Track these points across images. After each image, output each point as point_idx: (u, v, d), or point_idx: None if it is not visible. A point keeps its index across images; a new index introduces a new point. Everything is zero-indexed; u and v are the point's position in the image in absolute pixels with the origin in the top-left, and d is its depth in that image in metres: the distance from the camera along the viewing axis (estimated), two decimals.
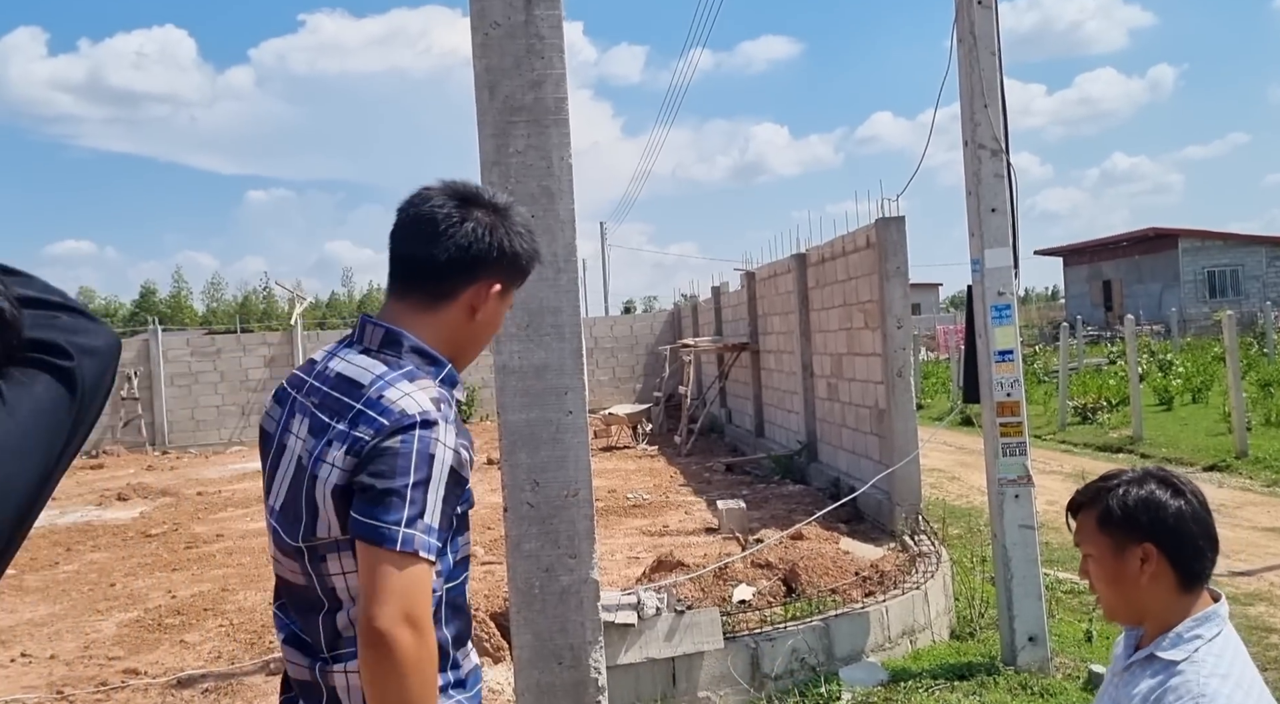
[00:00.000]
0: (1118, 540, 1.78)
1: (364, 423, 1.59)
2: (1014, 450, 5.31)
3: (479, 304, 1.77)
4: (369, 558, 1.51)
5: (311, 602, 1.66)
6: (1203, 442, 12.72)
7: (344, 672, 1.63)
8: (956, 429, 15.69)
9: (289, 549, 1.66)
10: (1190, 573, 1.78)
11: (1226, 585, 6.60)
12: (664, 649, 5.49)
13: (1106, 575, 1.81)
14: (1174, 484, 1.83)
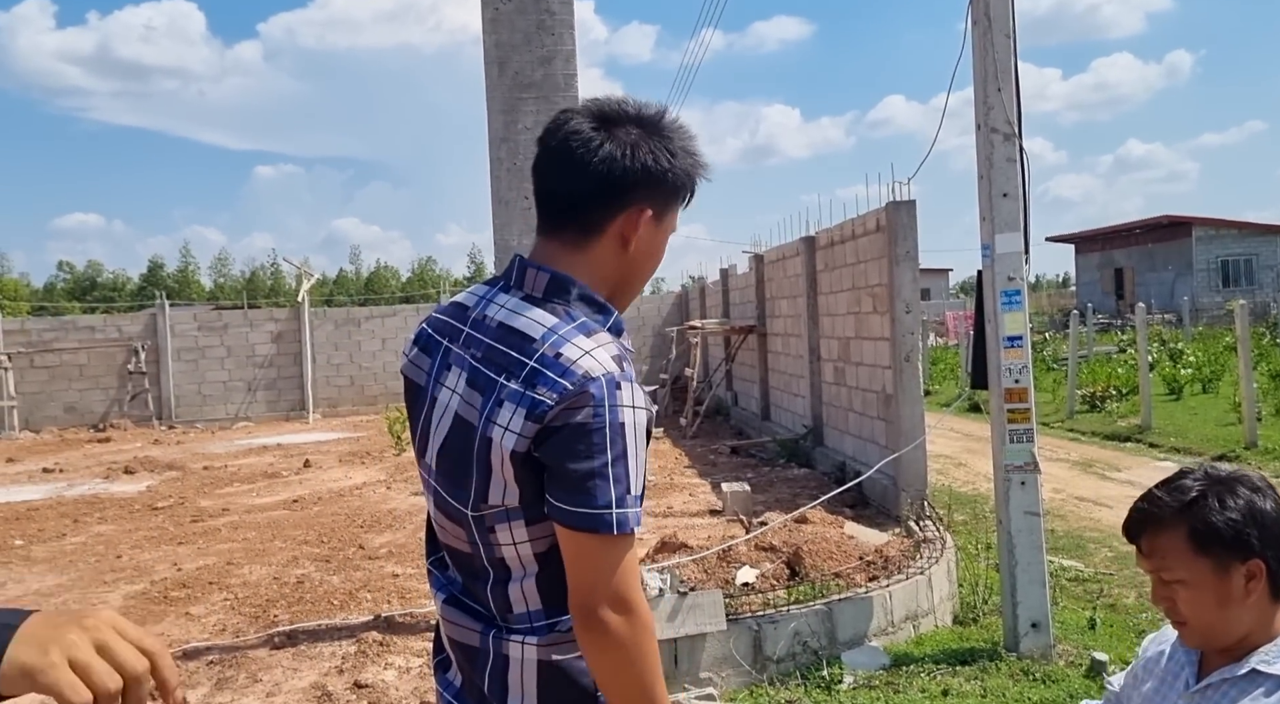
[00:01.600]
0: (1221, 560, 1.59)
1: (543, 384, 1.46)
2: (1021, 437, 5.29)
3: (630, 234, 1.60)
4: (577, 545, 1.45)
5: (477, 570, 1.58)
6: (1212, 431, 12.68)
7: (521, 643, 1.55)
8: (964, 415, 15.66)
9: (455, 515, 1.56)
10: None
11: None
12: (666, 630, 5.51)
13: (1210, 601, 1.60)
14: (1258, 485, 1.66)
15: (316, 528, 8.67)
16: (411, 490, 10.70)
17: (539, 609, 1.55)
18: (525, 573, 1.54)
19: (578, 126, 1.60)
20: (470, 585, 1.62)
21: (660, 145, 1.61)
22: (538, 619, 1.55)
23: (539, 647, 1.55)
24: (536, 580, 1.54)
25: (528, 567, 1.54)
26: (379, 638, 5.27)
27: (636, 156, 1.58)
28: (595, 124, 1.60)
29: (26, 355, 20.61)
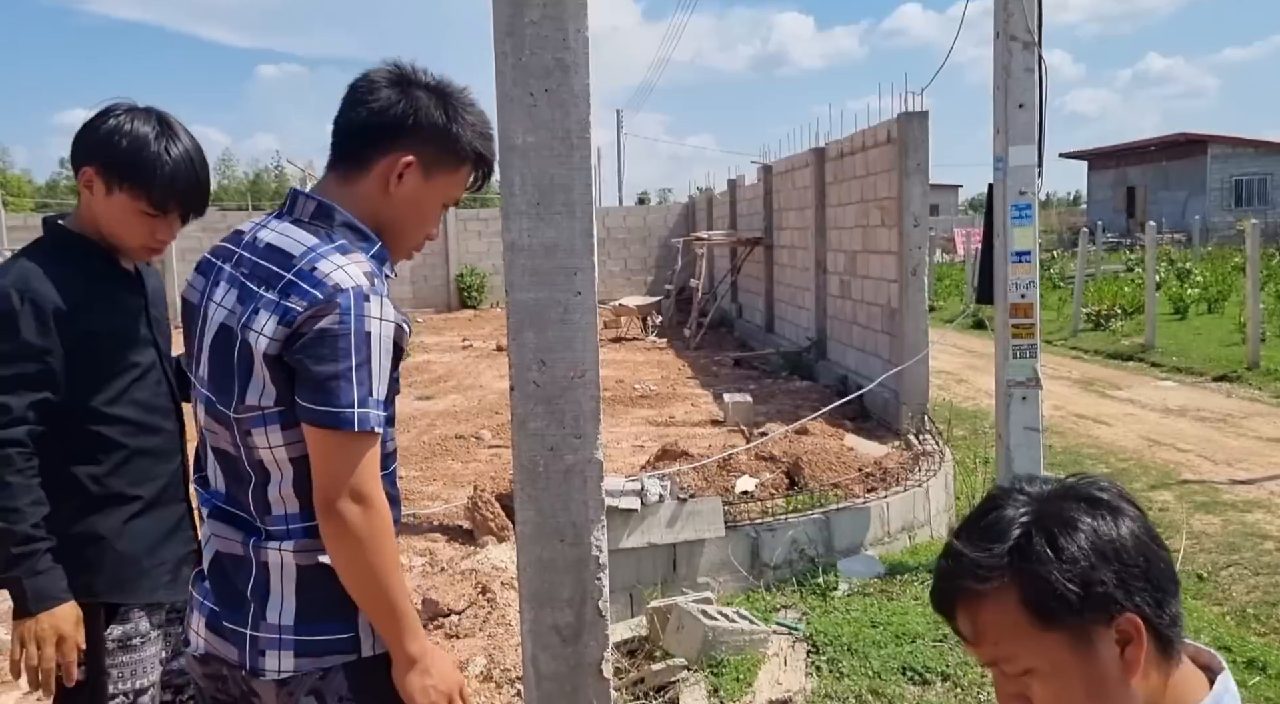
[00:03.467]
0: (1077, 630, 1.08)
1: (296, 294, 1.58)
2: (1025, 352, 5.28)
3: (391, 176, 1.72)
4: (320, 441, 1.57)
5: (240, 474, 1.68)
6: (1215, 351, 12.68)
7: (279, 550, 1.65)
8: (967, 332, 15.66)
9: (221, 418, 1.67)
10: (1170, 631, 1.11)
11: (1226, 494, 6.66)
12: (665, 535, 5.59)
13: (1076, 692, 1.09)
14: (1101, 498, 1.13)
15: None
16: (415, 395, 10.78)
17: (296, 512, 1.65)
18: (282, 477, 1.64)
19: (375, 75, 1.74)
20: (234, 491, 1.71)
21: (442, 107, 1.73)
22: (294, 522, 1.65)
23: (295, 552, 1.65)
24: (294, 485, 1.64)
25: (284, 470, 1.64)
26: None
27: (411, 106, 1.71)
28: (392, 78, 1.74)
29: None
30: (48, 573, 2.02)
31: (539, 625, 2.40)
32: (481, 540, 5.27)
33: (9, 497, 1.99)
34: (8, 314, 2.04)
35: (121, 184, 2.13)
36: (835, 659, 4.07)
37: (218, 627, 1.70)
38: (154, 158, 2.13)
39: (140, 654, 2.19)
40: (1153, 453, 7.92)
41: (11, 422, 2.01)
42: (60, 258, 2.15)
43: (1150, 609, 1.09)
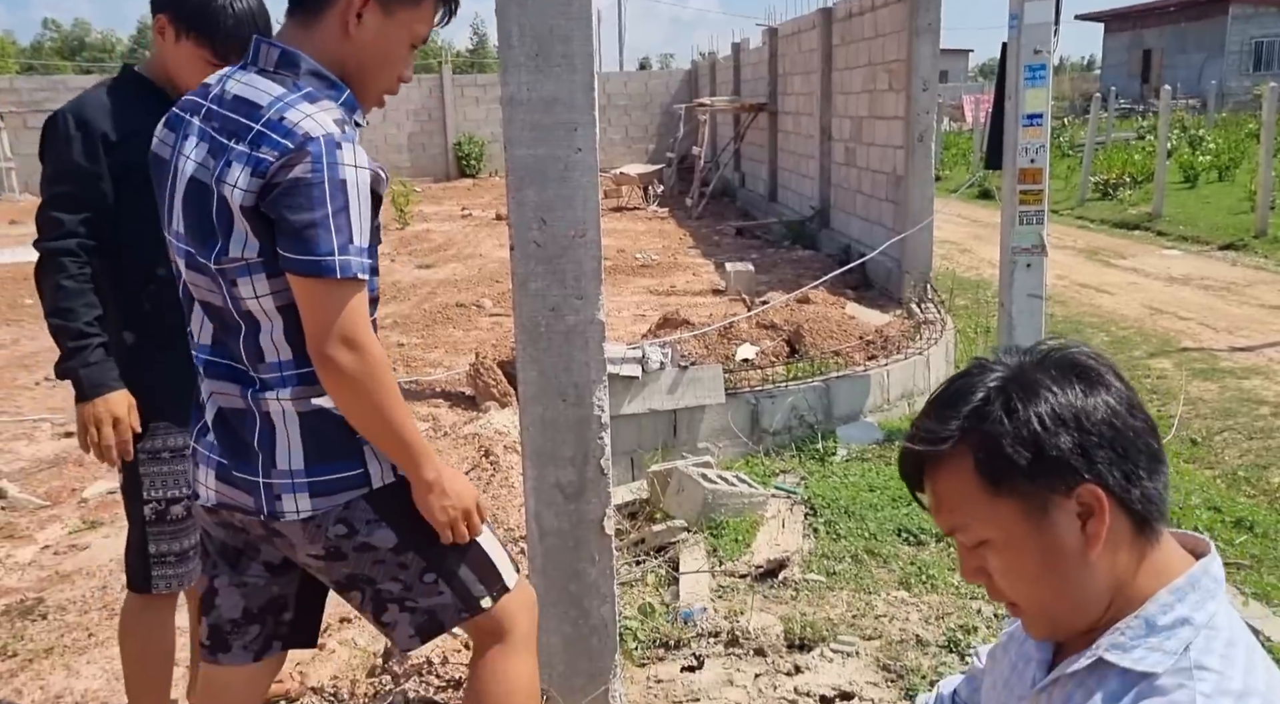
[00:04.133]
0: (1030, 497, 1.02)
1: (266, 144, 1.58)
2: (1031, 219, 5.21)
3: (349, 16, 1.67)
4: (306, 290, 1.58)
5: (230, 325, 1.70)
6: (1222, 220, 12.54)
7: (277, 399, 1.67)
8: (973, 202, 15.47)
9: (204, 270, 1.67)
10: (1144, 508, 1.04)
11: (1225, 361, 6.68)
12: (666, 401, 5.65)
13: (1029, 565, 1.05)
14: (1079, 363, 1.07)
15: None
16: (416, 263, 10.73)
17: (289, 359, 1.67)
18: (272, 326, 1.66)
19: None
20: (225, 342, 1.72)
21: None
22: (288, 368, 1.68)
23: (294, 400, 1.68)
24: (284, 333, 1.66)
25: (273, 319, 1.66)
26: None
27: None
28: None
29: (19, 115, 20.12)
30: (100, 365, 2.22)
31: (542, 483, 2.43)
32: (484, 406, 5.32)
33: (64, 297, 2.20)
34: (62, 137, 2.22)
35: (189, 32, 2.26)
36: (832, 521, 4.16)
37: (228, 478, 1.74)
38: (220, 9, 2.26)
39: (171, 467, 2.35)
40: (1154, 321, 7.92)
41: (64, 234, 2.20)
42: (121, 94, 2.31)
43: (1116, 482, 1.01)
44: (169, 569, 2.39)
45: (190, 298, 1.77)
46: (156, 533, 2.37)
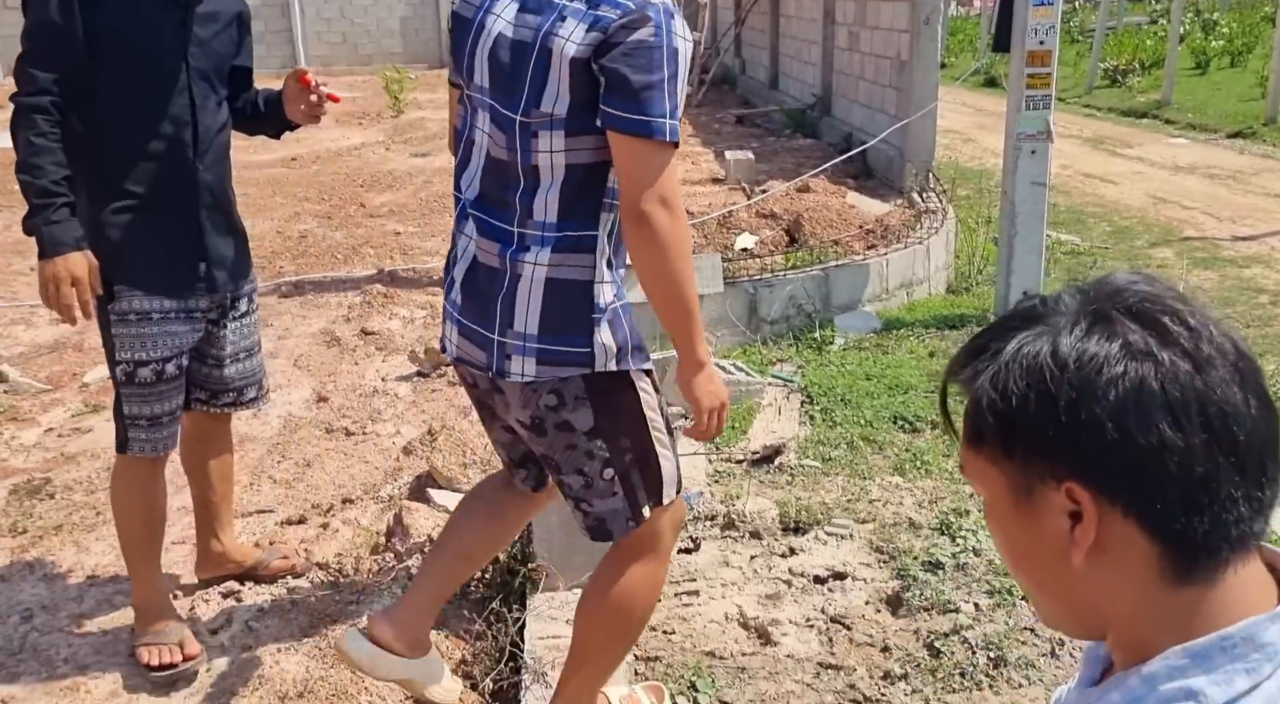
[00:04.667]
0: (1015, 473, 0.81)
1: (606, 3, 1.64)
2: (1038, 104, 5.11)
3: None
4: (631, 148, 1.66)
5: (510, 178, 1.77)
6: (1232, 107, 12.31)
7: (532, 263, 1.77)
8: (978, 90, 15.17)
9: (505, 123, 1.74)
10: (1189, 537, 0.75)
11: (1227, 250, 6.65)
12: None
13: (1009, 543, 0.86)
14: (1145, 316, 0.77)
15: (316, 186, 8.64)
16: (411, 152, 10.56)
17: (554, 221, 1.76)
18: (553, 181, 1.74)
19: None
20: (499, 198, 1.80)
21: None
22: (550, 230, 1.76)
23: (548, 265, 1.76)
24: (560, 191, 1.74)
25: (556, 175, 1.74)
26: (383, 291, 5.39)
27: None
28: None
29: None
30: (63, 224, 2.22)
31: None
32: None
33: (32, 154, 2.18)
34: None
35: None
36: (829, 409, 4.19)
37: (468, 333, 1.86)
38: None
39: (138, 329, 2.38)
40: (1157, 211, 7.85)
41: (38, 91, 2.19)
42: None
43: (1124, 496, 0.75)
44: (141, 432, 2.43)
45: (472, 153, 1.84)
46: (127, 395, 2.42)
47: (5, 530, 3.16)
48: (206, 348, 2.56)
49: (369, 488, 3.41)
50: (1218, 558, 0.76)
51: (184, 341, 2.45)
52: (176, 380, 2.46)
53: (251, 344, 2.67)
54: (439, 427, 3.48)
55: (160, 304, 2.40)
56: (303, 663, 2.48)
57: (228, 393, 2.65)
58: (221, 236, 2.50)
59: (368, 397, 4.20)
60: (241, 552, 2.86)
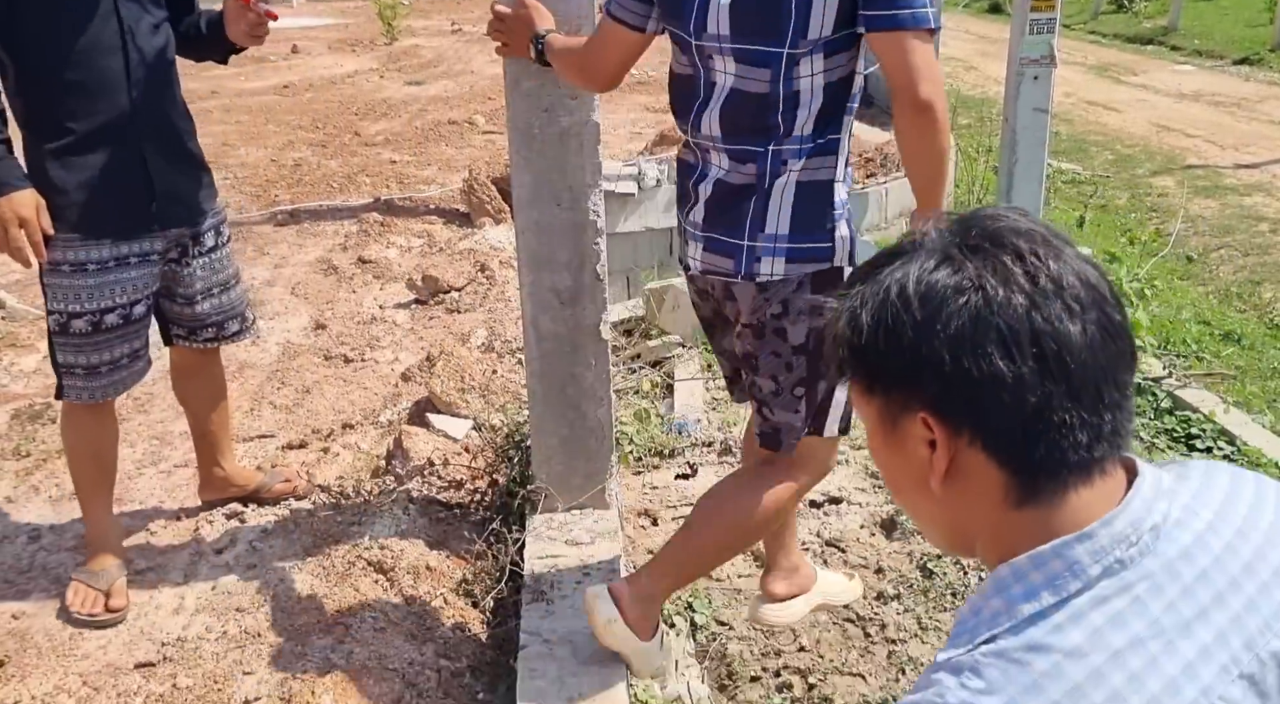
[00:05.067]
0: (881, 405, 0.86)
1: None
2: (1042, 27, 5.00)
3: None
4: (900, 43, 1.74)
5: (769, 104, 1.85)
6: (1240, 33, 12.12)
7: (786, 171, 1.88)
8: (982, 16, 14.91)
9: (762, 60, 1.82)
10: (1029, 462, 0.80)
11: (1229, 178, 6.60)
12: (662, 219, 5.59)
13: (883, 470, 0.91)
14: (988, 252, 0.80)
15: (310, 114, 8.52)
16: (405, 80, 10.40)
17: (809, 133, 1.87)
18: (811, 100, 1.85)
19: None
20: (752, 123, 1.88)
21: None
22: (806, 142, 1.88)
23: (801, 170, 1.88)
24: (818, 108, 1.86)
25: (815, 94, 1.85)
26: (380, 219, 5.36)
27: None
28: None
29: None
30: (3, 161, 2.14)
31: (538, 288, 2.43)
32: (478, 222, 5.28)
33: None
34: None
35: None
36: None
37: (714, 246, 1.96)
38: None
39: (70, 281, 2.28)
40: (1160, 138, 7.77)
41: None
42: None
43: (969, 423, 0.80)
44: (77, 381, 2.37)
45: (711, 93, 1.90)
46: (61, 343, 2.35)
47: (9, 454, 3.18)
48: (174, 287, 2.47)
49: (368, 413, 3.43)
50: (1059, 480, 0.79)
51: (133, 289, 2.35)
52: (120, 329, 2.36)
53: (227, 278, 2.57)
54: (437, 353, 3.49)
55: (99, 254, 2.29)
56: (307, 581, 2.52)
57: (205, 328, 2.58)
58: (171, 169, 2.36)
59: (366, 324, 4.21)
60: (244, 475, 2.88)
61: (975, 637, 0.77)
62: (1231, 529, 0.81)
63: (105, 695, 2.19)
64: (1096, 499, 0.80)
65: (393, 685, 2.21)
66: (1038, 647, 0.74)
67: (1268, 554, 0.80)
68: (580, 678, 2.15)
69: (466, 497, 2.87)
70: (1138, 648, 0.74)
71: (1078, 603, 0.76)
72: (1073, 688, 0.72)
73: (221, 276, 2.56)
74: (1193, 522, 0.80)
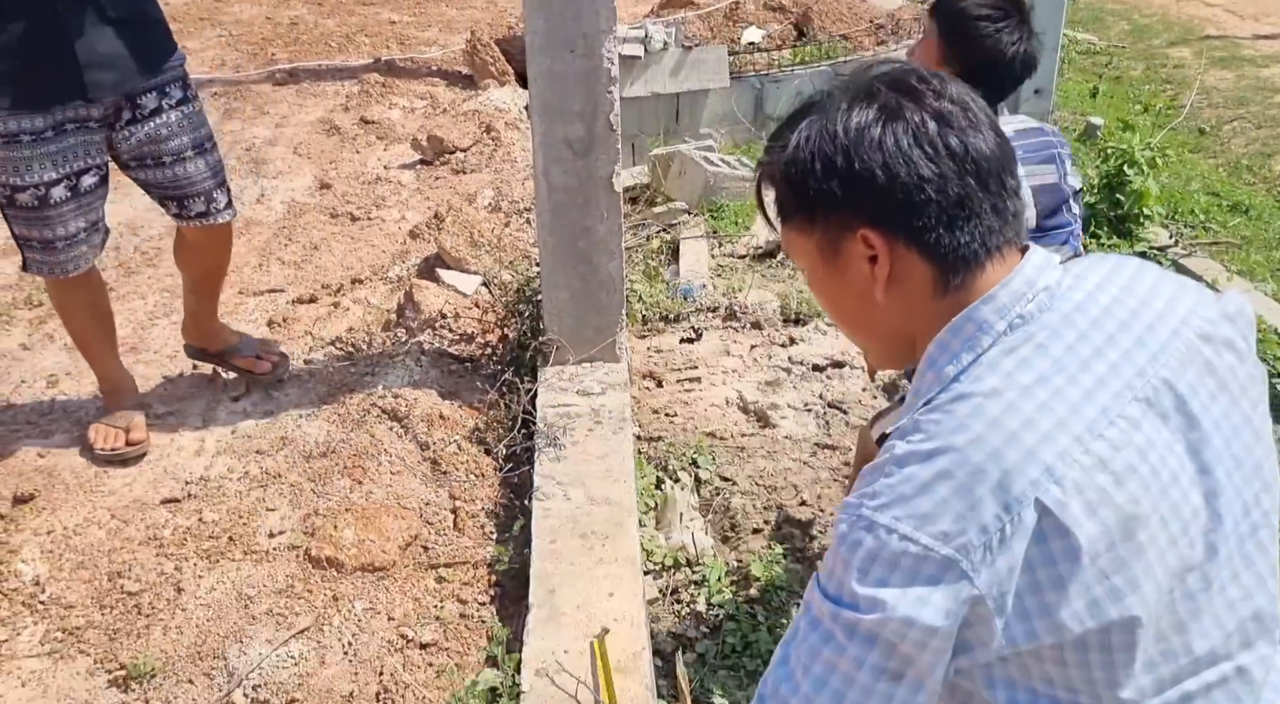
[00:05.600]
0: (822, 236, 0.97)
1: None
2: None
3: None
4: None
5: None
6: None
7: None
8: None
9: None
10: (942, 258, 0.93)
11: (1247, 49, 6.46)
12: (669, 84, 5.50)
13: (830, 300, 1.03)
14: (894, 88, 0.94)
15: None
16: None
17: None
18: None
19: None
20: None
21: None
22: None
23: None
24: None
25: None
26: (381, 80, 5.25)
27: None
28: None
29: None
30: None
31: (550, 138, 2.41)
32: (482, 84, 5.18)
33: None
34: None
35: None
36: None
37: None
38: None
39: (6, 153, 2.19)
40: (1179, 8, 7.57)
41: None
42: None
43: (899, 228, 0.92)
44: (35, 254, 2.33)
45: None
46: (12, 216, 2.30)
47: (21, 303, 3.21)
48: (139, 150, 2.34)
49: (377, 269, 3.44)
50: (977, 263, 0.93)
51: (74, 157, 2.24)
52: (70, 202, 2.27)
53: (199, 139, 2.40)
54: (445, 210, 3.48)
55: (31, 123, 2.18)
56: (323, 427, 2.59)
57: (193, 200, 2.42)
58: (96, 32, 2.19)
59: (370, 184, 4.17)
60: (218, 336, 2.74)
61: (915, 407, 0.91)
62: (1118, 287, 0.94)
63: (135, 527, 2.27)
64: (1000, 274, 0.94)
65: (410, 522, 2.29)
66: (961, 396, 0.88)
67: (1150, 302, 0.93)
68: (592, 517, 2.23)
69: (477, 350, 2.91)
70: (1044, 383, 0.87)
71: (990, 355, 0.90)
72: (992, 421, 0.85)
73: (192, 136, 2.39)
74: (1084, 284, 0.94)
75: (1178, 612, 0.89)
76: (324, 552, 2.18)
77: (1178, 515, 0.88)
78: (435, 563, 2.23)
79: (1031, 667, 0.89)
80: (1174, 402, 0.90)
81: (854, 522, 0.87)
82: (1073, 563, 0.84)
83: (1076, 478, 0.84)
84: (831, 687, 0.88)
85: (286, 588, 2.11)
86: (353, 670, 1.96)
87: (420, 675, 1.96)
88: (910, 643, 0.85)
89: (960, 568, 0.83)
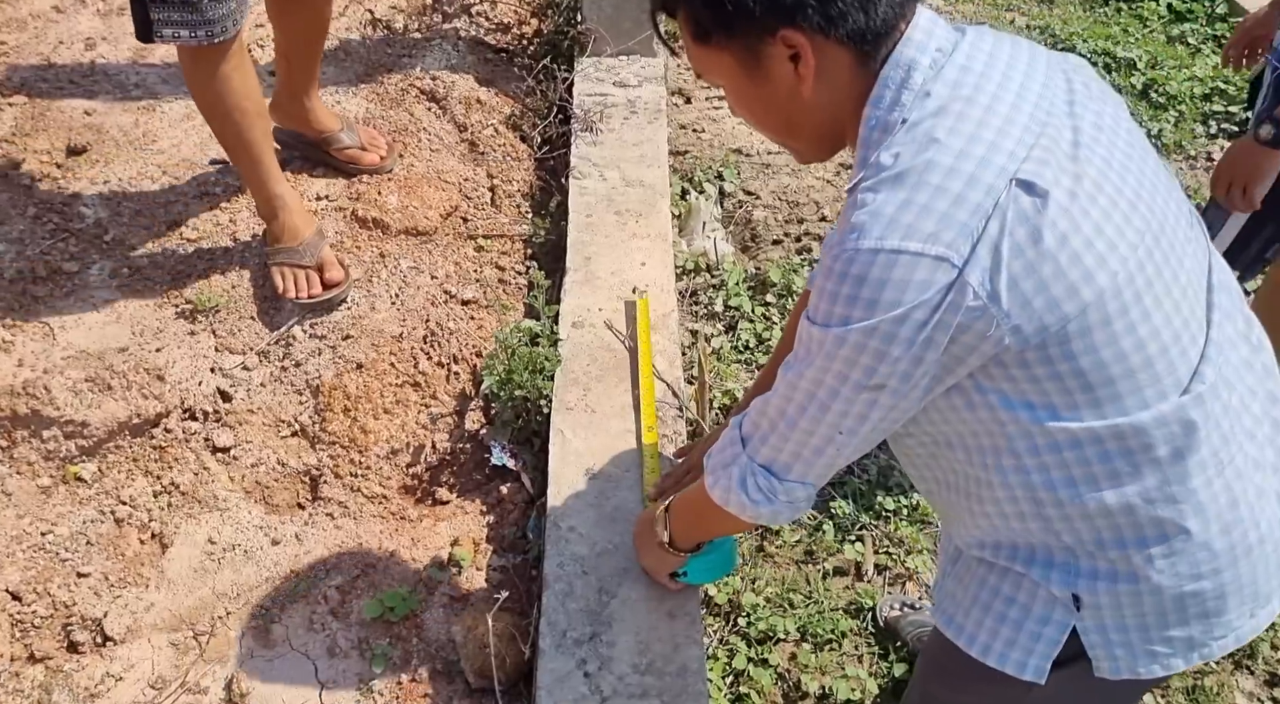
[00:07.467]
0: (740, 49, 1.01)
1: None
2: None
3: None
4: None
5: None
6: None
7: None
8: None
9: None
10: (859, 42, 0.99)
11: None
12: None
13: (756, 108, 1.08)
14: None
15: None
16: None
17: None
18: None
19: None
20: None
21: None
22: None
23: None
24: None
25: None
26: None
27: None
28: None
29: None
30: None
31: None
32: None
33: None
34: None
35: None
36: None
37: None
38: None
39: None
40: None
41: None
42: None
43: (816, 23, 0.96)
44: (171, 12, 1.80)
45: None
46: None
47: None
48: None
49: None
50: (894, 34, 0.98)
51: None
52: None
53: None
54: None
55: None
56: (362, 104, 2.62)
57: None
58: None
59: None
60: (320, 118, 2.38)
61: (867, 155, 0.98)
62: (993, 37, 1.02)
63: (187, 184, 2.36)
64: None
65: (450, 195, 2.39)
66: (912, 124, 0.94)
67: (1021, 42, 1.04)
68: (627, 196, 2.32)
69: (514, 41, 2.89)
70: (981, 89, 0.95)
71: (924, 88, 0.96)
72: (950, 129, 0.92)
73: None
74: (968, 29, 1.02)
75: (1155, 260, 0.96)
76: (370, 213, 2.29)
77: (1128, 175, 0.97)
78: (474, 234, 2.34)
79: (1044, 381, 0.94)
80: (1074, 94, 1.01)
81: (838, 254, 0.92)
82: (1057, 235, 0.90)
83: (1039, 155, 0.91)
84: (818, 398, 0.99)
85: (336, 243, 2.23)
86: (401, 317, 2.12)
87: (463, 326, 2.12)
88: (900, 344, 0.92)
89: (951, 262, 0.89)
